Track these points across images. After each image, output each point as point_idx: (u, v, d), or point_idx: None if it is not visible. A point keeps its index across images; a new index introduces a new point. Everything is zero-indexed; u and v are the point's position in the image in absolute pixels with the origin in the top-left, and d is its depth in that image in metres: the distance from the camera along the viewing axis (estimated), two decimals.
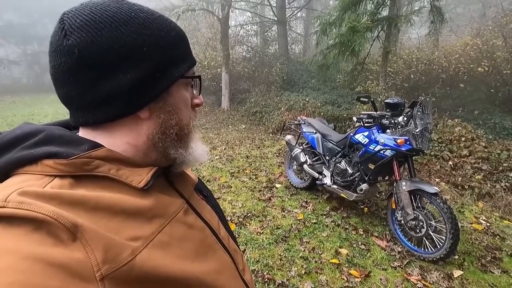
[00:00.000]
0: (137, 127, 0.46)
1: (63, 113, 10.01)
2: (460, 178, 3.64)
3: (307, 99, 7.04)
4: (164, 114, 0.46)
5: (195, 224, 0.50)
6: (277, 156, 5.01)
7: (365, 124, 2.65)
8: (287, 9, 11.89)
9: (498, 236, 2.68)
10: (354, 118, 2.78)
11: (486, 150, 3.86)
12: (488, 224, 2.88)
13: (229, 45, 9.39)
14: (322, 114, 6.24)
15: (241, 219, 2.90)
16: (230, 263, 0.53)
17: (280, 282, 2.07)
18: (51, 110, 10.71)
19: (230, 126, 7.55)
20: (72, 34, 0.39)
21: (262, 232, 2.69)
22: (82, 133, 0.46)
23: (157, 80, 0.44)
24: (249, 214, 3.00)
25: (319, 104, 6.69)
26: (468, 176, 3.64)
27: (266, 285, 2.06)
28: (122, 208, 0.39)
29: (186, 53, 0.49)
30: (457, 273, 2.18)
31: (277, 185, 3.78)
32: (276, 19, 11.29)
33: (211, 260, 0.48)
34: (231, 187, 3.71)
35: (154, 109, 0.46)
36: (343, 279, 2.13)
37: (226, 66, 8.95)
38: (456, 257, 2.34)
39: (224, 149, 5.44)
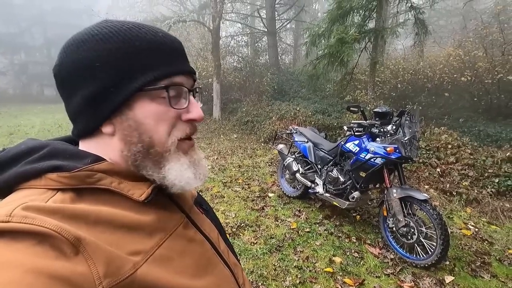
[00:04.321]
0: (110, 142, 0.46)
1: (50, 124, 9.81)
2: (448, 185, 3.73)
3: (298, 108, 7.13)
4: (127, 129, 0.44)
5: (195, 238, 0.50)
6: (269, 165, 5.02)
7: (356, 133, 2.71)
8: (276, 21, 12.14)
9: (486, 241, 2.74)
10: (345, 127, 2.84)
11: (472, 157, 3.97)
12: (476, 229, 2.95)
13: (220, 56, 9.48)
14: (313, 123, 6.31)
15: (235, 229, 2.88)
16: (230, 277, 0.53)
17: None
18: (38, 121, 10.48)
19: (221, 136, 7.55)
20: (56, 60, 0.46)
21: (256, 242, 2.68)
22: (81, 146, 0.49)
23: (111, 94, 0.44)
24: (242, 224, 2.98)
25: (310, 113, 6.78)
26: (456, 183, 3.73)
27: None
28: (123, 222, 0.40)
29: (153, 62, 0.45)
30: (448, 278, 2.21)
31: (270, 194, 3.78)
32: (266, 30, 11.50)
33: (211, 275, 0.48)
34: (224, 197, 3.69)
35: (116, 124, 0.45)
36: None
37: (217, 76, 9.01)
38: (447, 263, 2.38)
39: (216, 158, 5.42)
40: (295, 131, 3.69)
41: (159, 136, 0.45)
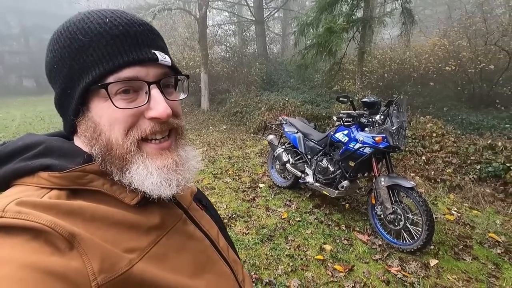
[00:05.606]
0: (86, 143, 0.45)
1: (31, 117, 9.47)
2: (432, 172, 3.85)
3: (286, 99, 7.13)
4: (86, 131, 0.43)
5: (194, 234, 0.50)
6: (259, 156, 5.04)
7: (345, 123, 2.74)
8: (264, 9, 11.95)
9: (468, 226, 2.86)
10: (334, 118, 2.86)
11: (455, 144, 4.09)
12: (459, 214, 3.07)
13: (208, 45, 9.31)
14: (301, 113, 6.34)
15: (226, 220, 2.90)
16: (230, 274, 0.53)
17: (268, 281, 2.10)
18: (19, 114, 10.10)
19: (210, 127, 7.49)
20: None
21: (248, 233, 2.71)
22: (75, 141, 0.48)
23: (68, 96, 0.43)
24: (234, 215, 3.00)
25: (299, 103, 6.79)
26: (440, 170, 3.85)
27: (254, 284, 2.08)
28: (119, 220, 0.40)
29: (97, 57, 0.40)
30: (433, 262, 2.31)
31: (261, 185, 3.81)
32: (254, 19, 11.32)
33: (210, 272, 0.48)
34: (215, 189, 3.70)
35: (79, 125, 0.44)
36: (328, 274, 2.19)
37: (205, 66, 8.86)
38: (432, 247, 2.48)
39: (206, 150, 5.39)
40: (284, 122, 3.69)
41: (116, 136, 0.41)
